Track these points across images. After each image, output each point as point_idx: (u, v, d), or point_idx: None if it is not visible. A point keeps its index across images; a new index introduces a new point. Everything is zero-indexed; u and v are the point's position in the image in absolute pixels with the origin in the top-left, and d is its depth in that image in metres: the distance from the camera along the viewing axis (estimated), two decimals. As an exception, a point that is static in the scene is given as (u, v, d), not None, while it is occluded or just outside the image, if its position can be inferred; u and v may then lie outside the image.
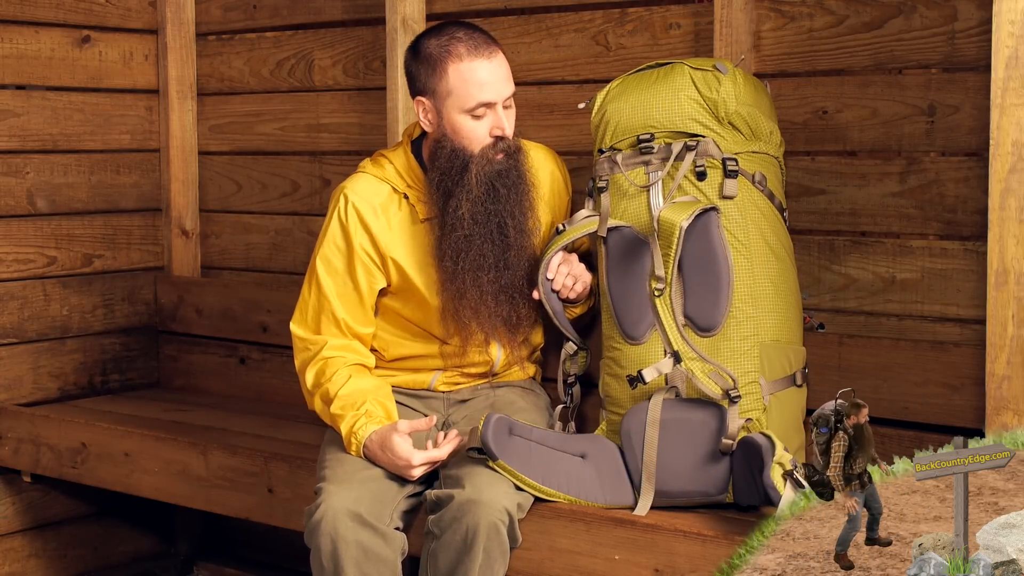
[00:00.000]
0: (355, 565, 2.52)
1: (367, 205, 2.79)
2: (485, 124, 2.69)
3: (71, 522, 3.86)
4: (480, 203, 2.70)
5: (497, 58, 2.69)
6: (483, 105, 2.67)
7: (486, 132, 2.70)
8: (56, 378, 3.84)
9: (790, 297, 2.67)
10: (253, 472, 3.10)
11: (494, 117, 2.69)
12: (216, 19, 3.97)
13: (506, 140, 2.71)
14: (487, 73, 2.67)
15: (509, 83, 2.71)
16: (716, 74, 2.64)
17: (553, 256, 2.73)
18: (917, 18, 2.74)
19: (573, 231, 2.71)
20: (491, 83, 2.67)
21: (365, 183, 2.82)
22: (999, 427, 2.39)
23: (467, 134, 2.70)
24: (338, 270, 2.81)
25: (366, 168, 2.85)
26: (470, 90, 2.66)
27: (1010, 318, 2.39)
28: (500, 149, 2.70)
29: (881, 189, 2.81)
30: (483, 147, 2.70)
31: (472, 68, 2.67)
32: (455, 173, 2.71)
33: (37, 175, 3.77)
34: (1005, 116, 2.37)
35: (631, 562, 2.47)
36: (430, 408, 2.87)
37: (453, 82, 2.67)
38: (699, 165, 2.61)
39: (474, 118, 2.68)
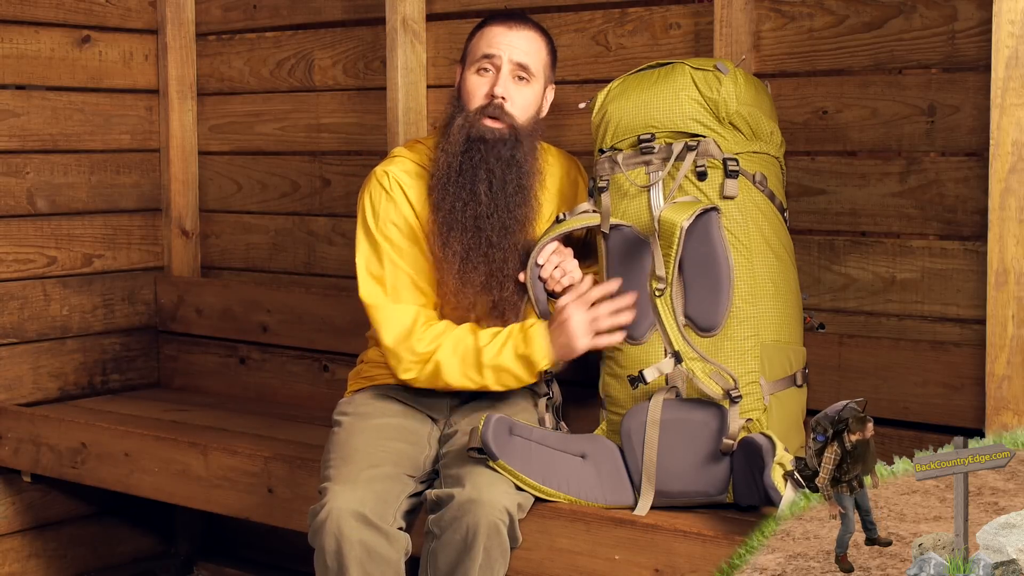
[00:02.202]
0: (359, 565, 2.52)
1: (407, 176, 2.81)
2: (486, 83, 2.74)
3: (71, 522, 3.86)
4: (455, 157, 2.72)
5: (521, 29, 2.77)
6: (486, 57, 2.73)
7: (484, 92, 2.74)
8: (56, 378, 3.84)
9: (791, 297, 2.67)
10: (253, 472, 3.10)
11: (494, 77, 2.73)
12: (216, 19, 3.97)
13: (498, 105, 2.72)
14: (500, 33, 2.75)
15: (525, 55, 2.75)
16: (717, 74, 2.64)
17: (548, 243, 2.72)
18: (917, 18, 2.74)
19: (574, 221, 2.71)
20: (500, 40, 2.74)
21: (399, 164, 2.84)
22: (999, 427, 2.39)
23: (468, 89, 2.76)
24: (400, 243, 2.79)
25: (399, 152, 2.89)
26: (480, 45, 2.76)
27: (1010, 318, 2.39)
28: (490, 112, 2.72)
29: (881, 189, 2.82)
30: (477, 106, 2.74)
31: (493, 29, 2.76)
32: (447, 127, 2.77)
33: (37, 175, 3.77)
34: (1005, 116, 2.37)
35: (631, 562, 2.47)
36: (432, 408, 2.87)
37: (475, 42, 2.78)
38: (700, 165, 2.61)
39: (478, 73, 2.75)
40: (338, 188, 3.73)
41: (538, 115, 2.81)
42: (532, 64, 2.76)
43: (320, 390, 3.71)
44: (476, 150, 2.72)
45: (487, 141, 2.71)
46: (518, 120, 2.74)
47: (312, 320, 3.68)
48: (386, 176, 2.81)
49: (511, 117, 2.73)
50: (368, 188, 2.83)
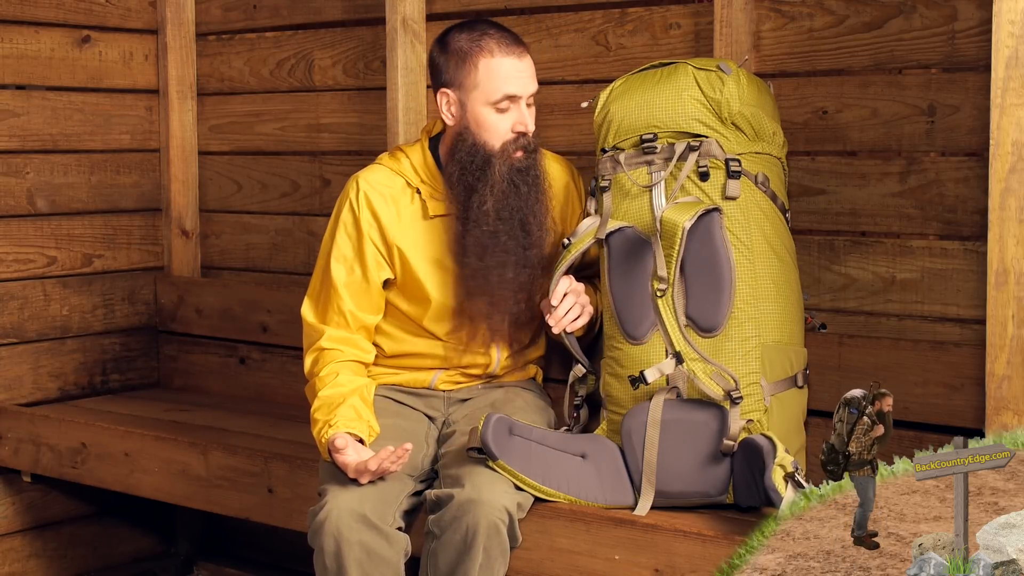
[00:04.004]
0: (358, 566, 2.52)
1: (379, 194, 2.82)
2: (508, 119, 2.74)
3: (71, 522, 3.86)
4: (504, 199, 2.73)
5: (525, 58, 2.76)
6: (508, 98, 2.72)
7: (508, 127, 2.74)
8: (56, 378, 3.84)
9: (792, 298, 2.67)
10: (253, 472, 3.10)
11: (517, 113, 2.74)
12: (216, 19, 3.97)
13: (527, 137, 2.75)
14: (515, 69, 2.73)
15: (533, 81, 2.77)
16: (720, 74, 2.64)
17: (560, 282, 2.72)
18: (917, 18, 2.74)
19: (578, 243, 2.71)
20: (518, 78, 2.73)
21: (379, 174, 2.86)
22: (999, 427, 2.39)
23: (490, 127, 2.73)
24: (347, 257, 2.83)
25: (382, 160, 2.90)
26: (497, 83, 2.72)
27: (1010, 318, 2.39)
28: (520, 146, 2.75)
29: (881, 189, 2.81)
30: (504, 142, 2.74)
31: (501, 63, 2.73)
32: (476, 168, 2.74)
33: (37, 175, 3.77)
34: (1005, 116, 2.37)
35: (631, 562, 2.47)
36: (430, 407, 2.88)
37: (482, 75, 2.73)
38: (702, 166, 2.61)
39: (498, 111, 2.73)
40: (338, 188, 3.72)
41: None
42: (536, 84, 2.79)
43: (320, 390, 3.70)
44: (519, 184, 2.74)
45: (521, 171, 2.75)
46: (533, 140, 2.78)
47: (312, 320, 3.68)
48: (357, 190, 2.83)
49: (532, 140, 2.77)
50: (340, 200, 2.87)
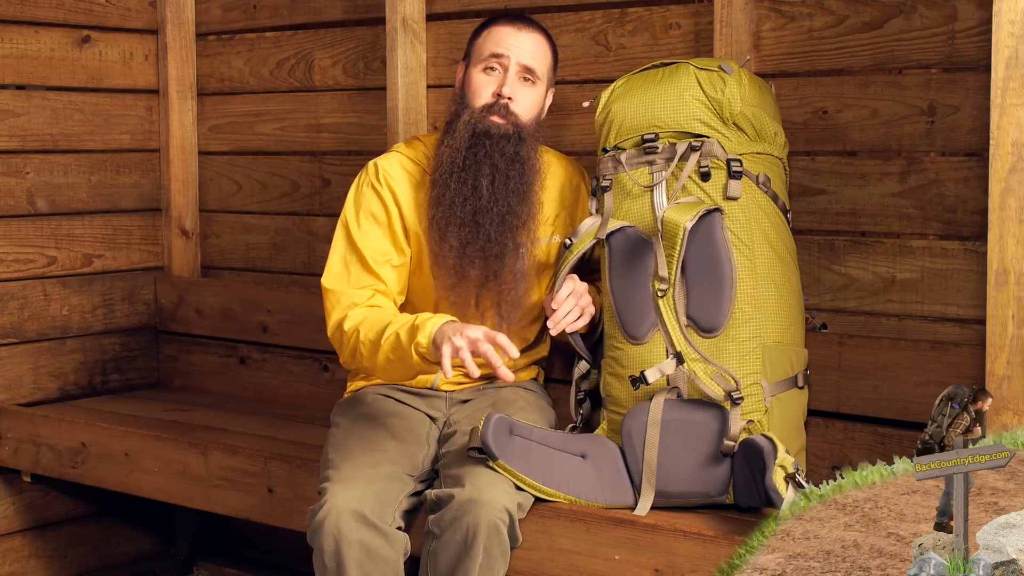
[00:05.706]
0: (357, 565, 2.52)
1: (397, 179, 2.84)
2: (492, 82, 2.77)
3: (71, 522, 3.86)
4: (459, 152, 2.74)
5: (529, 32, 2.81)
6: (494, 57, 2.76)
7: (491, 91, 2.77)
8: (56, 378, 3.84)
9: (793, 299, 2.67)
10: (253, 472, 3.10)
11: (501, 77, 2.76)
12: (216, 19, 3.97)
13: (505, 103, 2.75)
14: (508, 34, 2.79)
15: (532, 58, 2.79)
16: (721, 74, 2.64)
17: (563, 285, 2.72)
18: (917, 18, 2.74)
19: (580, 243, 2.72)
20: (509, 42, 2.77)
21: (395, 159, 2.88)
22: (999, 427, 2.39)
23: (474, 87, 2.78)
24: (375, 216, 2.81)
25: (399, 148, 2.92)
26: (488, 44, 2.79)
27: (1010, 318, 2.39)
28: (496, 110, 2.75)
29: (881, 189, 2.82)
30: (483, 103, 2.77)
31: (499, 30, 2.80)
32: (451, 124, 2.78)
33: (37, 175, 3.77)
34: (1005, 116, 2.37)
35: (631, 562, 2.47)
36: (432, 407, 2.88)
37: (482, 41, 2.81)
38: (703, 166, 2.62)
39: (484, 72, 2.78)
40: (338, 188, 3.73)
41: (539, 117, 2.83)
42: (538, 67, 2.80)
43: (320, 390, 3.71)
44: (481, 145, 2.73)
45: (492, 136, 2.73)
46: (522, 120, 2.76)
47: (312, 320, 3.68)
48: (376, 169, 2.85)
49: (516, 116, 2.76)
50: (358, 179, 2.88)
